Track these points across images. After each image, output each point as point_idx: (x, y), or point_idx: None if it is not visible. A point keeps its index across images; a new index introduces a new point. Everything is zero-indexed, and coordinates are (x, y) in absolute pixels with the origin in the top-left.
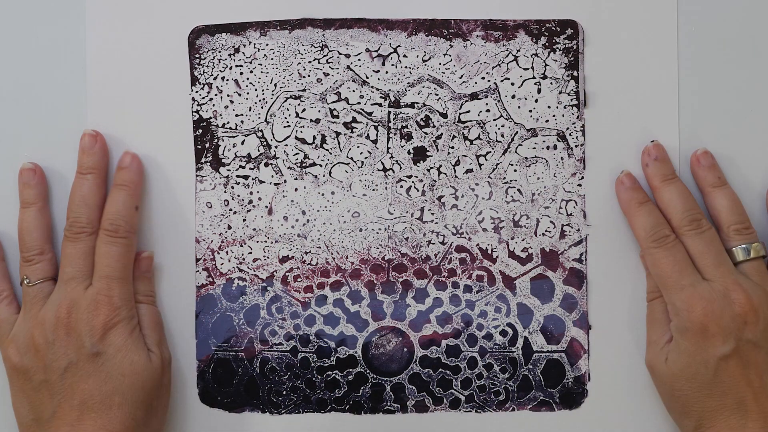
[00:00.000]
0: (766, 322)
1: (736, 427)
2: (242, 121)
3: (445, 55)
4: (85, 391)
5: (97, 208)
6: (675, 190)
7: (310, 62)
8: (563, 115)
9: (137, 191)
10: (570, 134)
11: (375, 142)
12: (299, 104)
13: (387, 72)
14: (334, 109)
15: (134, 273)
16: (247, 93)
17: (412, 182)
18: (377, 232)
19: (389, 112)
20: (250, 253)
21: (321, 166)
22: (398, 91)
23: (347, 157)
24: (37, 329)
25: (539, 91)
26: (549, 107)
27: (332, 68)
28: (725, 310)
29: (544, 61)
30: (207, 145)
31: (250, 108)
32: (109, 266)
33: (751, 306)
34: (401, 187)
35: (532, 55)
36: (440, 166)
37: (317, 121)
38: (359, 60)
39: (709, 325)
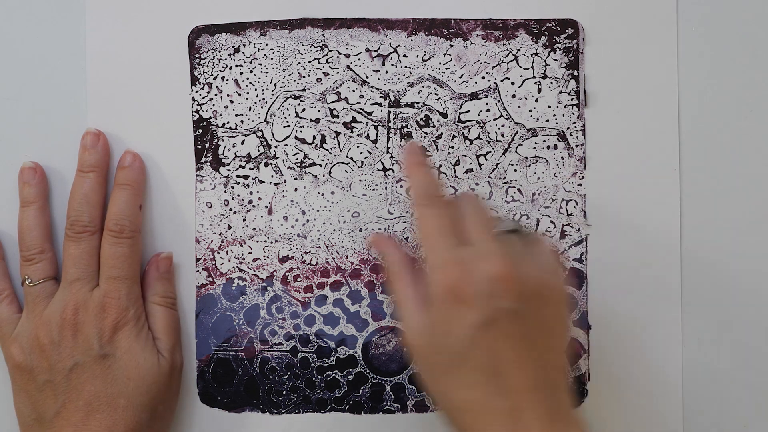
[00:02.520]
0: (529, 291)
1: (495, 399)
2: (242, 121)
3: (445, 54)
4: (91, 393)
5: (99, 206)
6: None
7: (309, 62)
8: (563, 115)
9: (140, 190)
10: (570, 134)
11: (375, 141)
12: (299, 104)
13: (387, 72)
14: (334, 109)
15: (153, 274)
16: (247, 93)
17: None
18: (377, 232)
19: (389, 112)
20: (250, 253)
21: (321, 166)
22: (398, 91)
23: (347, 156)
24: (42, 329)
25: (539, 90)
26: (549, 107)
27: (332, 68)
28: (482, 274)
29: (545, 60)
30: (207, 145)
31: (250, 108)
32: (116, 267)
33: (510, 273)
34: (401, 187)
35: (532, 55)
36: (440, 166)
37: (317, 120)
38: (359, 60)
39: (462, 290)
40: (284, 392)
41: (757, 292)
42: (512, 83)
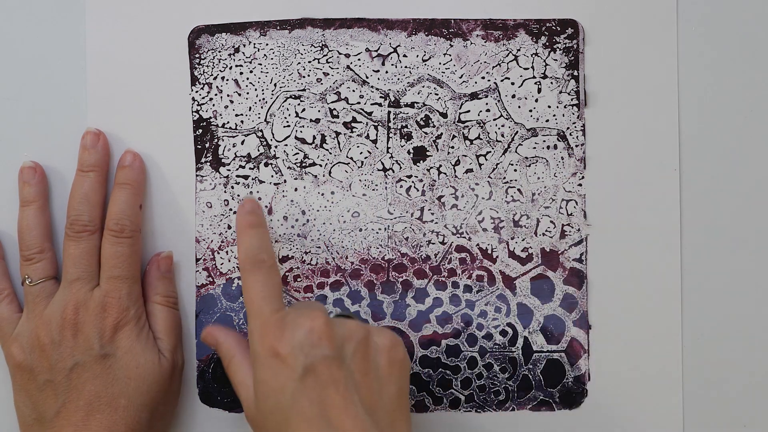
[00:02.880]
0: (348, 337)
1: None
2: (242, 121)
3: (445, 54)
4: (92, 392)
5: (99, 206)
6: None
7: (309, 62)
8: (563, 115)
9: (140, 190)
10: (570, 134)
11: (375, 141)
12: (299, 104)
13: (387, 72)
14: (334, 109)
15: (154, 274)
16: (247, 93)
17: (412, 182)
18: (377, 232)
19: (389, 112)
20: None
21: (321, 166)
22: (398, 91)
23: (347, 156)
24: (43, 329)
25: (539, 90)
26: (549, 107)
27: (332, 68)
28: (298, 329)
29: (545, 60)
30: (207, 145)
31: (250, 108)
32: (117, 267)
33: (326, 322)
34: (401, 187)
35: (532, 55)
36: (440, 166)
37: (317, 120)
38: (359, 60)
39: (280, 348)
40: None
41: (757, 291)
42: (512, 83)
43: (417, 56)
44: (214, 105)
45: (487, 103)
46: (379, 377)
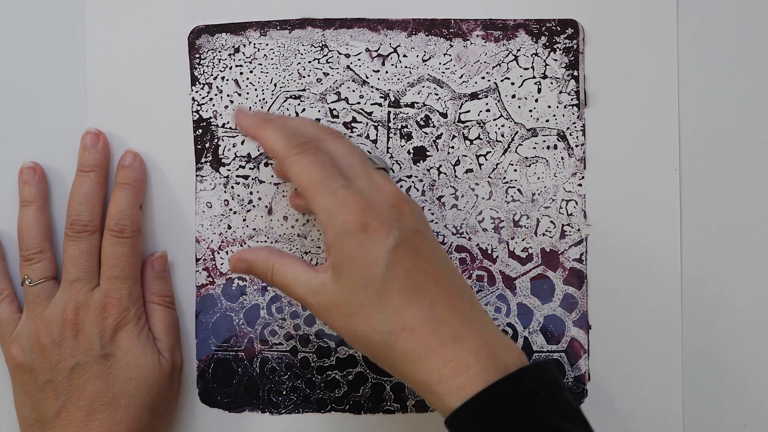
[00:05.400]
0: (416, 211)
1: (425, 311)
2: None
3: (445, 54)
4: (93, 393)
5: (99, 206)
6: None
7: (309, 62)
8: (563, 115)
9: (141, 190)
10: (570, 134)
11: (375, 142)
12: (299, 104)
13: (387, 72)
14: (334, 109)
15: (149, 274)
16: (247, 93)
17: (412, 182)
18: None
19: (389, 112)
20: None
21: None
22: (398, 91)
23: None
24: (43, 329)
25: (539, 90)
26: (549, 107)
27: (332, 68)
28: (381, 203)
29: (545, 60)
30: (207, 145)
31: (250, 108)
32: (117, 267)
33: (404, 197)
34: (401, 187)
35: (532, 55)
36: (440, 166)
37: (317, 121)
38: (359, 60)
39: (369, 221)
40: (284, 392)
41: (757, 291)
42: (512, 83)
43: (417, 56)
44: (214, 105)
45: (487, 103)
46: (442, 252)
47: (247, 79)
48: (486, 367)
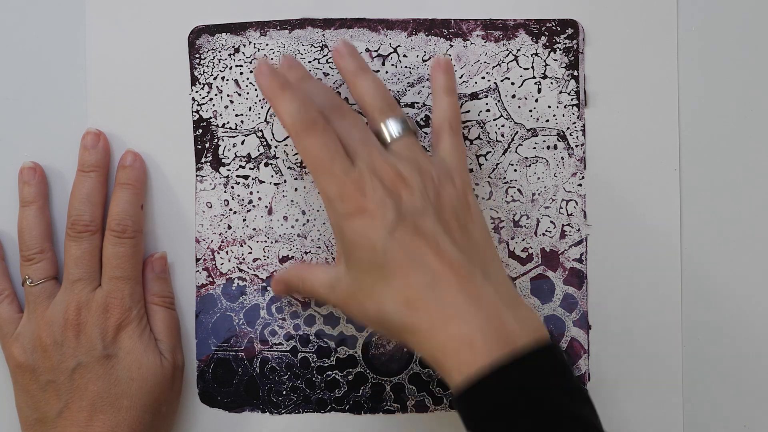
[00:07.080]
0: (420, 190)
1: (426, 288)
2: (242, 121)
3: (445, 54)
4: (95, 393)
5: (100, 206)
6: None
7: (310, 62)
8: (563, 115)
9: (142, 189)
10: (570, 134)
11: None
12: None
13: (387, 72)
14: None
15: (149, 275)
16: (247, 93)
17: None
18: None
19: None
20: (250, 253)
21: None
22: (398, 91)
23: None
24: (45, 330)
25: (539, 90)
26: (549, 107)
27: (332, 68)
28: (377, 186)
29: (545, 60)
30: (207, 145)
31: (250, 108)
32: (119, 267)
33: (400, 176)
34: None
35: (532, 55)
36: None
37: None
38: None
39: (366, 204)
40: (284, 392)
41: (757, 291)
42: (512, 83)
43: (417, 56)
44: (214, 105)
45: (487, 103)
46: (459, 216)
47: (247, 79)
48: (491, 343)
